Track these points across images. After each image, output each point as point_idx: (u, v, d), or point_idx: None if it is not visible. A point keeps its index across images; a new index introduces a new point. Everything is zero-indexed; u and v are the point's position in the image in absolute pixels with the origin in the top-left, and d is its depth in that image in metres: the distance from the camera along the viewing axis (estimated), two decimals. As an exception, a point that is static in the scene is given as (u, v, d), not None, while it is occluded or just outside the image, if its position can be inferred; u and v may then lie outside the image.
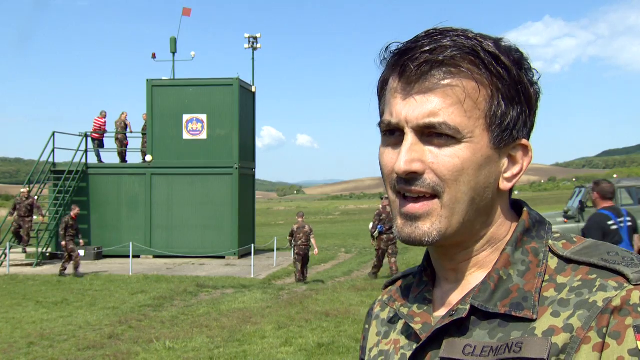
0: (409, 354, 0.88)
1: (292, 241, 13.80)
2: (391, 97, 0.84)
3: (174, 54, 21.32)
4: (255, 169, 22.61)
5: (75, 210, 15.64)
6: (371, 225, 13.23)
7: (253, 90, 21.92)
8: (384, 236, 12.91)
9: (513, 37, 0.88)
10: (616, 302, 0.73)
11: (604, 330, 0.72)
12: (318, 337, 8.07)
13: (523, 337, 0.77)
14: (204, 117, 19.98)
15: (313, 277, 15.34)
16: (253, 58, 22.43)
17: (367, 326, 1.07)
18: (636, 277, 0.74)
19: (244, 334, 8.49)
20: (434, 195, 0.81)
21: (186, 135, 20.06)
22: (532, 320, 0.78)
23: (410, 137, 0.81)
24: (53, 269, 16.93)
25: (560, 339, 0.74)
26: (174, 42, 21.42)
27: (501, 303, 0.80)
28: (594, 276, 0.77)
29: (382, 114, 0.88)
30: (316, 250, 14.02)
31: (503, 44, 0.82)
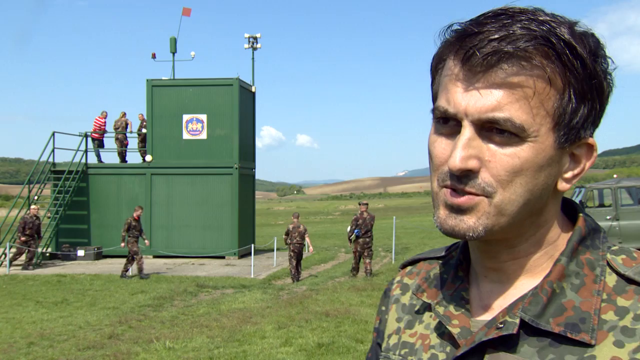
0: (440, 355, 0.83)
1: (288, 240, 14.41)
2: (450, 82, 0.76)
3: (173, 54, 21.32)
4: (255, 169, 22.60)
5: (138, 212, 15.10)
6: (349, 229, 14.13)
7: (253, 90, 21.91)
8: (360, 240, 13.76)
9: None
10: None
11: None
12: (318, 337, 8.07)
13: None
14: (203, 117, 19.98)
15: (313, 277, 15.34)
16: (253, 58, 22.44)
17: (383, 308, 1.00)
18: None
19: (243, 334, 8.48)
20: (484, 195, 0.74)
21: (186, 135, 20.06)
22: (590, 346, 0.71)
23: (467, 131, 0.74)
24: (52, 269, 16.93)
25: None
26: (173, 42, 21.41)
27: (554, 320, 0.74)
28: None
29: (435, 95, 0.81)
30: (311, 248, 14.85)
31: (578, 29, 0.74)
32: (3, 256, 17.02)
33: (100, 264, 18.25)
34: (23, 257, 17.06)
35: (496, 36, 0.72)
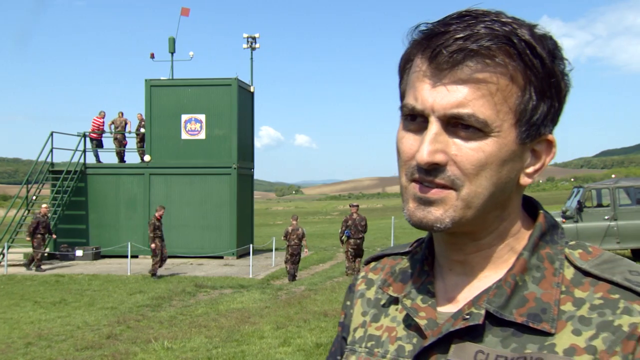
0: (407, 346, 0.85)
1: (286, 241, 14.73)
2: (417, 80, 0.79)
3: (172, 54, 21.30)
4: (253, 169, 22.60)
5: (160, 212, 15.19)
6: (340, 230, 14.85)
7: (251, 90, 21.90)
8: (351, 240, 14.45)
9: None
10: None
11: (630, 357, 0.70)
12: (316, 337, 8.07)
13: (541, 352, 0.74)
14: (202, 117, 19.97)
15: (311, 277, 15.35)
16: (252, 58, 22.44)
17: (348, 302, 1.03)
18: None
19: (242, 334, 8.48)
20: (452, 187, 0.78)
21: (185, 135, 20.04)
22: (550, 334, 0.75)
23: (434, 127, 0.77)
24: (51, 269, 16.91)
25: None
26: (172, 42, 21.39)
27: (517, 311, 0.77)
28: (617, 296, 0.74)
29: (402, 94, 0.84)
30: (306, 251, 15.45)
31: (537, 31, 0.78)
32: (1, 256, 16.98)
33: (98, 264, 18.24)
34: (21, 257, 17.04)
35: (461, 35, 0.75)
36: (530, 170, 0.82)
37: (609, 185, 15.06)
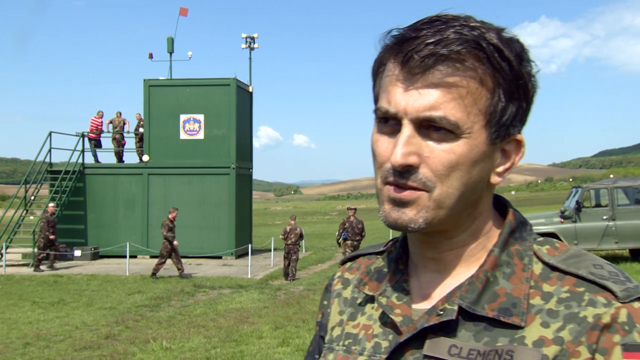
0: (384, 343, 0.87)
1: (285, 240, 15.08)
2: (390, 84, 0.81)
3: (171, 53, 21.29)
4: (252, 169, 22.59)
5: (173, 214, 15.20)
6: (337, 233, 15.63)
7: (250, 90, 21.90)
8: (348, 242, 15.11)
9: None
10: (606, 319, 0.74)
11: (594, 346, 0.73)
12: (315, 337, 8.06)
13: (512, 344, 0.77)
14: (201, 117, 19.96)
15: (310, 277, 15.35)
16: (250, 58, 22.45)
17: (325, 302, 1.04)
18: (624, 295, 0.75)
19: (241, 334, 8.48)
20: (424, 189, 0.80)
21: (183, 135, 20.03)
22: (520, 328, 0.78)
23: (407, 129, 0.79)
24: (50, 269, 16.89)
25: (550, 351, 0.75)
26: (171, 42, 21.38)
27: (489, 306, 0.80)
28: (582, 289, 0.77)
29: (376, 97, 0.86)
30: (303, 250, 15.98)
31: (505, 35, 0.81)
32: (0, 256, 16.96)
33: (97, 264, 18.21)
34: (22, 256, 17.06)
35: (432, 40, 0.77)
36: (500, 169, 0.84)
37: (607, 185, 15.07)
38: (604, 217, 14.41)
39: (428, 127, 0.79)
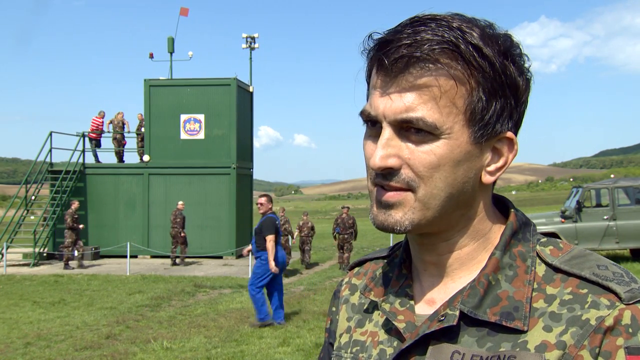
0: (388, 350, 0.86)
1: (299, 234, 17.41)
2: (372, 87, 0.82)
3: (171, 53, 21.28)
4: (252, 169, 22.59)
5: (181, 205, 16.92)
6: (332, 229, 17.56)
7: (250, 90, 21.89)
8: (340, 236, 16.80)
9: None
10: (609, 322, 0.72)
11: (597, 350, 0.72)
12: (315, 337, 8.07)
13: (514, 350, 0.76)
14: (201, 117, 19.96)
15: (310, 277, 15.35)
16: (251, 58, 22.41)
17: (334, 309, 1.04)
18: (628, 296, 0.73)
19: (241, 334, 8.49)
20: (409, 189, 0.80)
21: (184, 135, 20.03)
22: (523, 332, 0.76)
23: (387, 132, 0.79)
24: (50, 269, 16.90)
25: (553, 356, 0.73)
26: (171, 41, 21.38)
27: (491, 311, 0.79)
28: (585, 291, 0.76)
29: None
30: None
31: (489, 32, 0.79)
32: (0, 256, 16.96)
33: (97, 263, 18.22)
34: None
35: (407, 42, 0.77)
36: (491, 168, 0.83)
37: (608, 185, 15.08)
38: (605, 217, 14.41)
39: (408, 129, 0.79)
